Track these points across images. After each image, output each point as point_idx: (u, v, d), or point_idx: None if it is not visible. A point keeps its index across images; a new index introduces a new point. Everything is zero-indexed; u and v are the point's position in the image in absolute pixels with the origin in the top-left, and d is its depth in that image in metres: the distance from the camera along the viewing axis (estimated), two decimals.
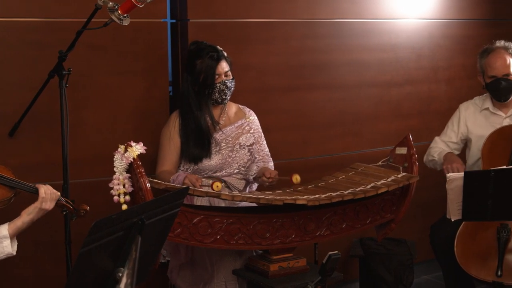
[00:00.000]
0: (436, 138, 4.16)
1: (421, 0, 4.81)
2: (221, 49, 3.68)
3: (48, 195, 2.78)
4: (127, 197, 3.09)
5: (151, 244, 2.44)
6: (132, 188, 3.08)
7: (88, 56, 3.66)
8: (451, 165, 3.79)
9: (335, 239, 3.44)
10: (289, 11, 4.29)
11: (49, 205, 2.79)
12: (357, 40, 4.56)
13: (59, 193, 2.83)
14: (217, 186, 3.27)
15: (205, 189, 3.36)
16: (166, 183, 3.23)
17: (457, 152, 4.10)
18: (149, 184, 3.00)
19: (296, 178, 3.48)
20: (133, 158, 3.05)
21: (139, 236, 2.19)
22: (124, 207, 3.07)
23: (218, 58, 3.60)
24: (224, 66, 3.62)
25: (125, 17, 3.14)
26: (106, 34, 3.56)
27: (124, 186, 3.08)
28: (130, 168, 3.09)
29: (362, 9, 4.57)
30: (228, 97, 3.67)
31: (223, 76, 3.62)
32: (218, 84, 3.60)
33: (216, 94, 3.62)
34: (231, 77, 3.66)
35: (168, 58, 3.97)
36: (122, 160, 3.08)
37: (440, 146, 4.08)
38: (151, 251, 2.50)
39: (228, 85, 3.63)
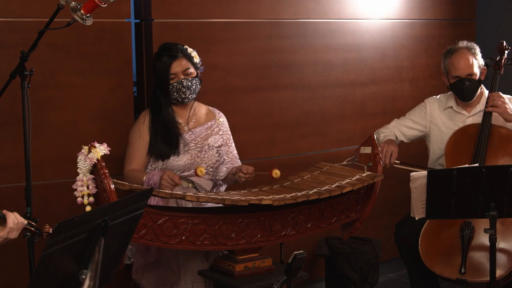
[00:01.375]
0: (395, 120, 4.20)
1: (385, 0, 4.85)
2: (186, 47, 3.66)
3: (15, 225, 2.67)
4: (91, 199, 3.06)
5: (115, 245, 2.42)
6: (96, 190, 3.06)
7: (51, 57, 3.62)
8: (388, 145, 3.86)
9: (301, 238, 3.45)
10: (253, 11, 4.29)
11: (15, 235, 2.68)
12: (322, 40, 4.58)
13: (26, 221, 2.73)
14: (201, 171, 3.27)
15: (184, 186, 3.34)
16: (131, 184, 3.20)
17: (406, 141, 4.15)
18: (113, 185, 2.98)
19: (276, 172, 3.51)
20: (97, 159, 3.03)
21: (102, 238, 2.17)
22: (88, 208, 3.04)
23: (175, 57, 3.59)
24: (182, 64, 3.60)
25: (88, 17, 3.12)
26: (69, 34, 3.53)
27: (87, 187, 3.05)
28: (94, 169, 3.06)
29: (327, 9, 4.59)
30: (190, 96, 3.65)
31: (180, 75, 3.60)
32: (174, 84, 3.59)
33: (174, 93, 3.61)
34: (194, 76, 3.63)
35: (132, 58, 3.94)
36: (86, 161, 3.05)
37: (392, 131, 4.13)
38: (115, 252, 2.47)
39: (185, 84, 3.60)
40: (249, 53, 4.30)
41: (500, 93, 3.87)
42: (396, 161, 3.84)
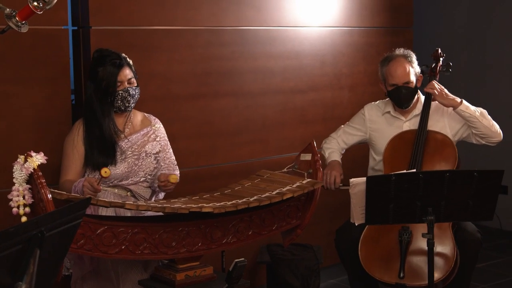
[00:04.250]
0: (341, 127, 4.24)
1: (324, 8, 4.89)
2: (125, 56, 3.63)
3: None
4: (27, 209, 3.00)
5: (52, 256, 2.37)
6: (32, 200, 3.00)
7: None
8: (331, 171, 3.93)
9: (242, 246, 3.45)
10: (193, 19, 4.28)
11: None
12: (262, 48, 4.60)
13: None
14: (105, 172, 3.22)
15: (109, 194, 3.30)
16: (68, 193, 3.15)
17: (348, 147, 4.21)
18: (50, 195, 2.93)
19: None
20: (33, 169, 2.97)
21: (37, 250, 2.12)
22: (24, 219, 2.98)
23: (121, 65, 3.56)
24: (127, 73, 3.58)
25: (23, 24, 3.05)
26: (3, 41, 3.45)
27: (23, 197, 2.99)
28: (31, 179, 3.00)
29: (266, 17, 4.61)
30: (132, 105, 3.63)
31: (125, 83, 3.57)
32: (120, 92, 3.56)
33: (119, 101, 3.57)
34: (135, 85, 3.62)
35: (70, 65, 3.89)
36: (22, 171, 2.99)
37: (336, 143, 4.18)
38: (52, 264, 2.42)
39: (131, 93, 3.58)
40: (189, 60, 4.28)
41: (436, 81, 4.02)
42: (340, 185, 3.91)
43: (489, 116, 3.96)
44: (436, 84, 4.00)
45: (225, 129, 4.48)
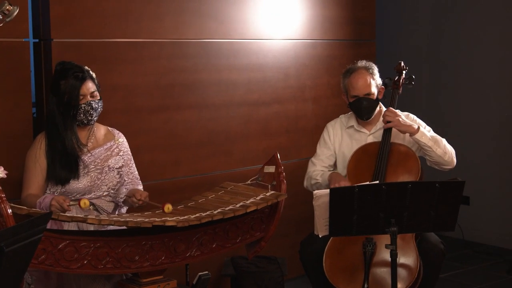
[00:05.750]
0: (312, 160, 4.18)
1: (287, 21, 4.92)
2: (88, 69, 3.60)
3: None
4: None
5: (12, 272, 2.34)
6: None
7: None
8: (339, 183, 3.82)
9: (206, 259, 3.43)
10: (157, 31, 4.27)
11: None
12: (226, 60, 4.60)
13: None
14: (84, 203, 3.19)
15: (73, 210, 3.27)
16: (29, 208, 3.11)
17: (332, 169, 4.19)
18: (10, 210, 2.88)
19: (168, 207, 3.39)
20: None
21: None
22: None
23: (83, 78, 3.52)
24: (89, 86, 3.55)
25: None
26: None
27: None
28: None
29: (230, 30, 4.62)
30: (95, 118, 3.60)
31: (88, 96, 3.54)
32: (83, 105, 3.52)
33: (82, 115, 3.54)
34: (98, 98, 3.59)
35: (31, 78, 3.85)
36: None
37: (319, 169, 4.12)
38: (12, 279, 2.39)
39: (94, 106, 3.55)
40: (153, 73, 4.27)
41: (392, 109, 3.98)
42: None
43: (444, 144, 3.95)
44: (390, 113, 3.95)
45: (189, 142, 4.46)
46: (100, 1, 4.02)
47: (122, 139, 3.75)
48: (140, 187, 3.74)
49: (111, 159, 3.65)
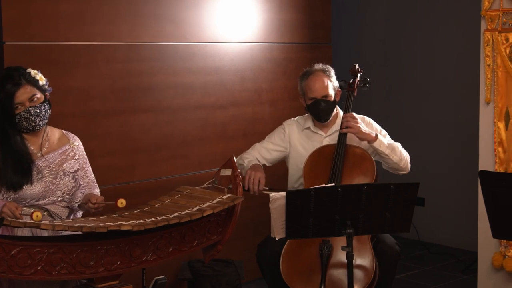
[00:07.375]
0: (256, 145, 4.21)
1: (244, 24, 4.92)
2: (30, 71, 3.47)
3: None
4: None
5: None
6: None
7: None
8: (255, 172, 3.89)
9: (163, 263, 3.41)
10: (111, 34, 4.24)
11: None
12: (182, 63, 4.59)
13: None
14: (37, 216, 3.13)
15: (25, 217, 3.22)
16: None
17: (268, 164, 4.19)
18: None
19: (122, 202, 3.41)
20: None
21: None
22: None
23: (18, 85, 3.41)
24: (28, 91, 3.43)
25: None
26: None
27: None
28: None
29: (186, 32, 4.60)
30: (41, 123, 3.50)
31: (27, 103, 3.44)
32: (21, 113, 3.44)
33: (23, 123, 3.45)
34: (41, 101, 3.49)
35: None
36: None
37: (254, 155, 4.15)
38: None
39: (33, 112, 3.45)
40: (108, 76, 4.23)
41: (354, 114, 4.01)
42: (264, 188, 3.88)
43: (400, 150, 4.00)
44: (351, 118, 3.95)
45: (145, 145, 4.44)
46: (54, 4, 3.98)
47: (77, 143, 3.70)
48: (97, 190, 3.70)
49: (66, 163, 3.60)
